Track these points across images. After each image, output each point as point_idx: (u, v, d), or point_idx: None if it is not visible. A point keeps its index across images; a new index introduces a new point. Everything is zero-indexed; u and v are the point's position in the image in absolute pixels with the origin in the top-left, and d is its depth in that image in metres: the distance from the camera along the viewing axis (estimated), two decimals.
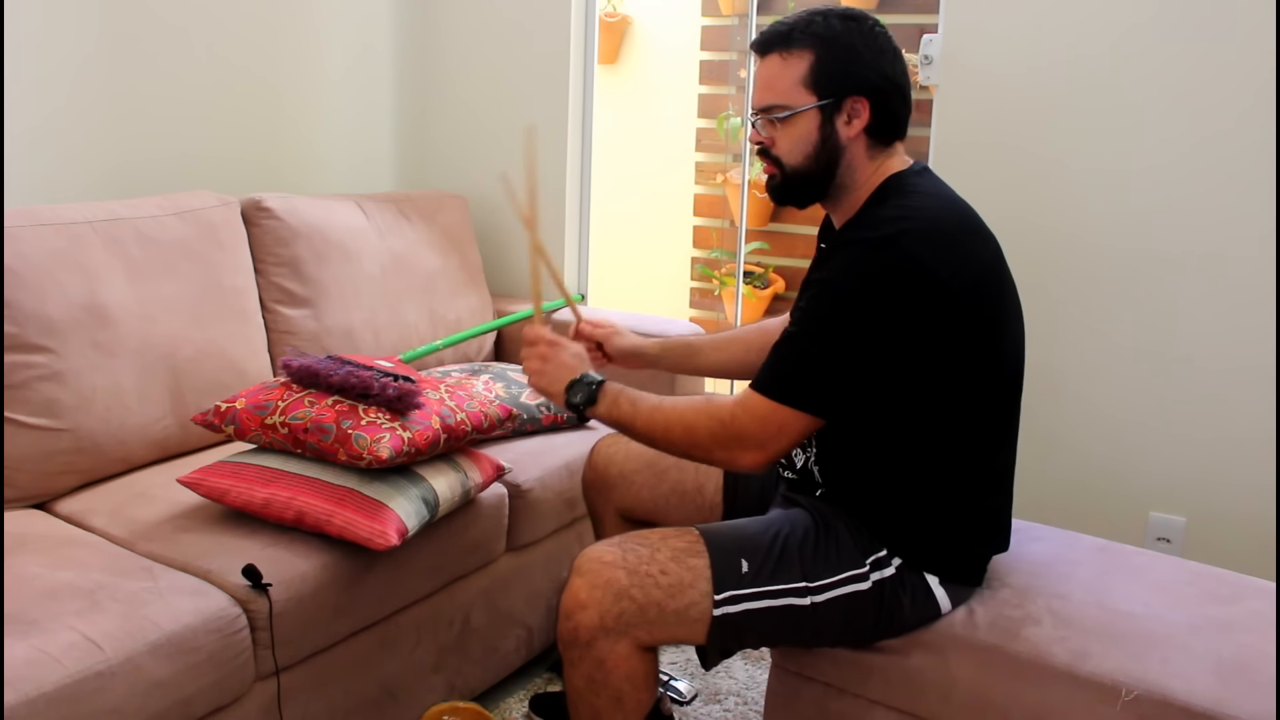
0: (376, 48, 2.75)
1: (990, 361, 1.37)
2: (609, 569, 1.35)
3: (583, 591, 1.35)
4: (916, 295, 1.28)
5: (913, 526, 1.41)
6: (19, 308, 1.68)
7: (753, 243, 3.88)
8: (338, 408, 1.61)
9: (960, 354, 1.33)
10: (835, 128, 1.38)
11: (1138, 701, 1.27)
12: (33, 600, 1.34)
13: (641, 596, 1.34)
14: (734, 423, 1.34)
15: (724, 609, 1.36)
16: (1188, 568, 1.56)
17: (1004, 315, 1.38)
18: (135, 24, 2.17)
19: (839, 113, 1.37)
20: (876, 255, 1.30)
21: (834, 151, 1.39)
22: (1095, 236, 2.14)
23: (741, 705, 1.96)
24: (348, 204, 2.35)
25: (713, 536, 1.41)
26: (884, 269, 1.29)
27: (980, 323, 1.34)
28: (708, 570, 1.37)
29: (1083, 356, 2.19)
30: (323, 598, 1.54)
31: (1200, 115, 2.01)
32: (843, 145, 1.39)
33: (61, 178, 2.08)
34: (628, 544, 1.39)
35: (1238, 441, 2.06)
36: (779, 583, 1.38)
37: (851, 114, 1.37)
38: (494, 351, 2.63)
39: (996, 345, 1.37)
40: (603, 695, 1.37)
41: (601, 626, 1.34)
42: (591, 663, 1.36)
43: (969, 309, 1.32)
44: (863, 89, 1.37)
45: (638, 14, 4.02)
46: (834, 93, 1.37)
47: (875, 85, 1.37)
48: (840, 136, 1.38)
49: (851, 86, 1.36)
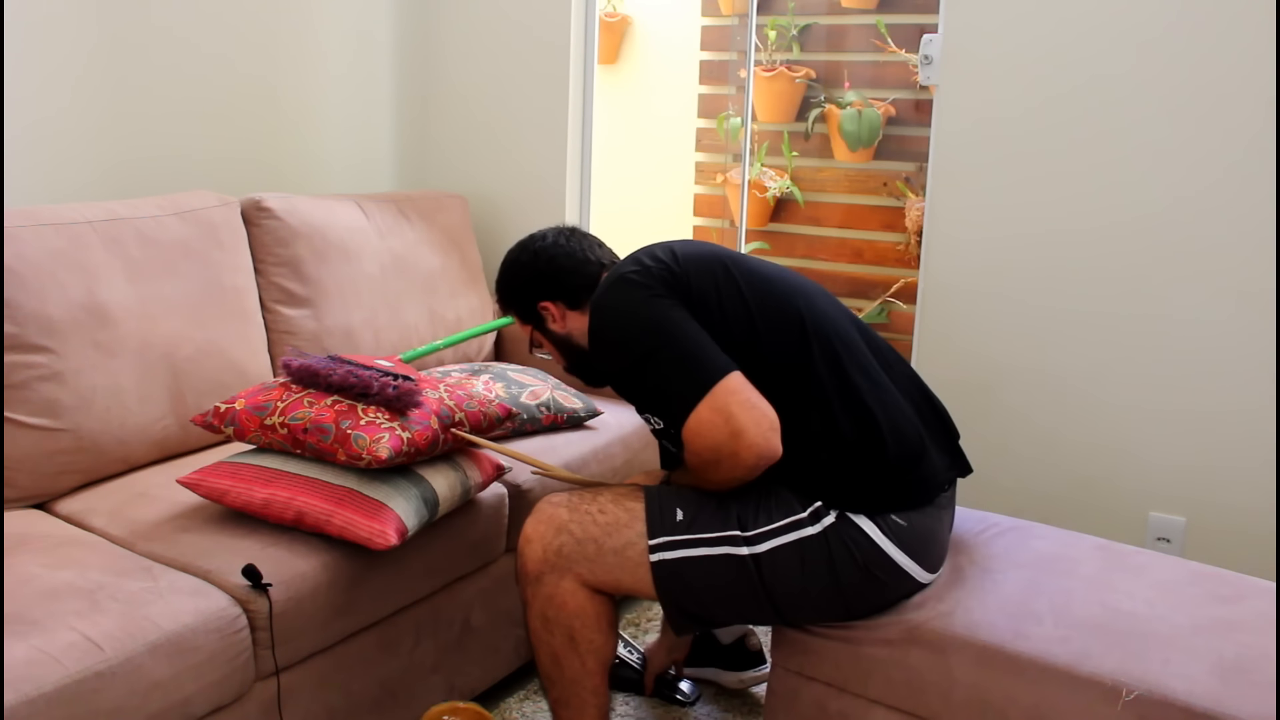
0: (376, 47, 2.75)
1: (720, 331, 1.46)
2: (553, 508, 1.51)
3: (529, 528, 1.51)
4: (652, 284, 1.46)
5: (822, 472, 1.45)
6: (19, 308, 1.68)
7: (753, 243, 3.88)
8: (337, 408, 1.61)
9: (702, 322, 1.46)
10: (549, 331, 1.69)
11: (1138, 701, 1.27)
12: (33, 600, 1.34)
13: (579, 531, 1.47)
14: (699, 441, 1.41)
15: (660, 554, 1.45)
16: (1188, 568, 1.56)
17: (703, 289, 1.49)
18: (135, 24, 2.17)
19: (545, 321, 1.69)
20: (612, 301, 1.49)
21: (566, 338, 1.69)
22: (1094, 236, 2.14)
23: (742, 705, 1.96)
24: (348, 204, 2.35)
25: (653, 488, 1.52)
26: (624, 297, 1.48)
27: (690, 296, 1.47)
28: (643, 513, 1.48)
29: (1082, 356, 2.19)
30: (323, 598, 1.54)
31: (1201, 113, 2.01)
32: (567, 330, 1.68)
33: (61, 177, 2.09)
34: (578, 490, 1.55)
35: (1238, 441, 2.06)
36: (713, 530, 1.45)
37: (551, 315, 1.68)
38: (494, 351, 2.63)
39: (712, 315, 1.47)
40: (557, 634, 1.50)
41: (545, 560, 1.48)
42: (543, 599, 1.49)
43: (680, 288, 1.47)
44: (545, 296, 1.67)
45: (638, 14, 4.02)
46: (531, 314, 1.70)
47: (545, 290, 1.66)
48: (558, 329, 1.68)
49: (534, 301, 1.68)
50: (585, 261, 1.67)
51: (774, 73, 3.75)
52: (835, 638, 1.49)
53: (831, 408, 1.46)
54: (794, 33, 3.74)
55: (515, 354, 2.61)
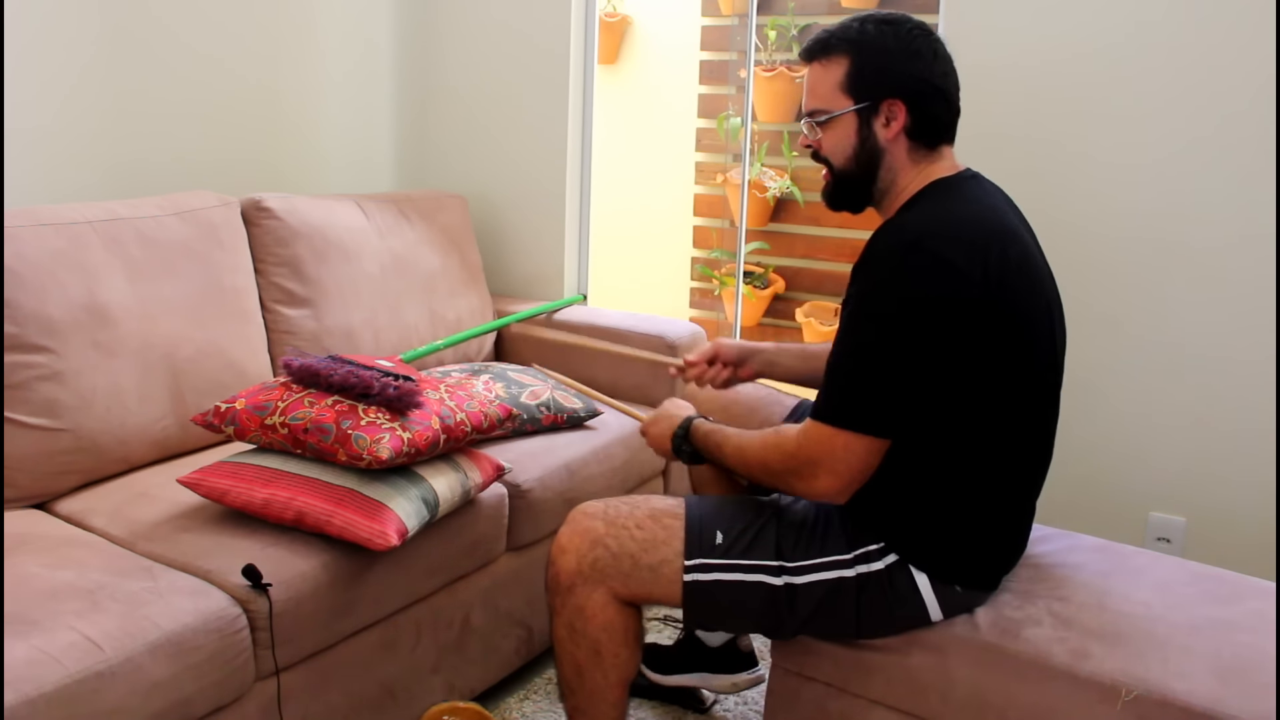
0: (377, 48, 2.75)
1: (1017, 363, 1.35)
2: (589, 519, 1.47)
3: (564, 538, 1.47)
4: (947, 296, 1.28)
5: (916, 525, 1.40)
6: (19, 308, 1.68)
7: (753, 243, 3.88)
8: (337, 408, 1.61)
9: (988, 353, 1.32)
10: (873, 130, 1.40)
11: (1138, 701, 1.27)
12: (33, 600, 1.34)
13: (616, 546, 1.44)
14: (800, 452, 1.37)
15: (694, 575, 1.42)
16: (1188, 568, 1.56)
17: (1033, 313, 1.36)
18: (135, 24, 2.17)
19: (876, 116, 1.40)
20: (902, 262, 1.30)
21: (873, 154, 1.41)
22: (1095, 234, 2.14)
23: (741, 705, 1.96)
24: (348, 204, 2.35)
25: (694, 505, 1.48)
26: (912, 276, 1.29)
27: (1006, 321, 1.32)
28: (681, 533, 1.44)
29: (1082, 356, 2.19)
30: (323, 598, 1.54)
31: (1203, 111, 2.01)
32: (882, 148, 1.41)
33: (61, 177, 2.09)
34: (613, 501, 1.50)
35: (1238, 441, 2.06)
36: (752, 559, 1.42)
37: (889, 117, 1.40)
38: (494, 351, 2.63)
39: (1024, 346, 1.35)
40: (582, 645, 1.46)
41: (579, 572, 1.44)
42: (572, 609, 1.45)
43: (996, 306, 1.30)
44: (898, 92, 1.39)
45: (638, 14, 4.02)
46: (870, 96, 1.39)
47: (910, 88, 1.39)
48: (879, 139, 1.41)
49: (886, 90, 1.39)
50: (951, 125, 1.43)
51: (774, 73, 3.75)
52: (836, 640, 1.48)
53: (1004, 484, 1.41)
54: (794, 33, 3.74)
55: (515, 354, 2.61)
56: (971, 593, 1.43)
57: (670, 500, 1.50)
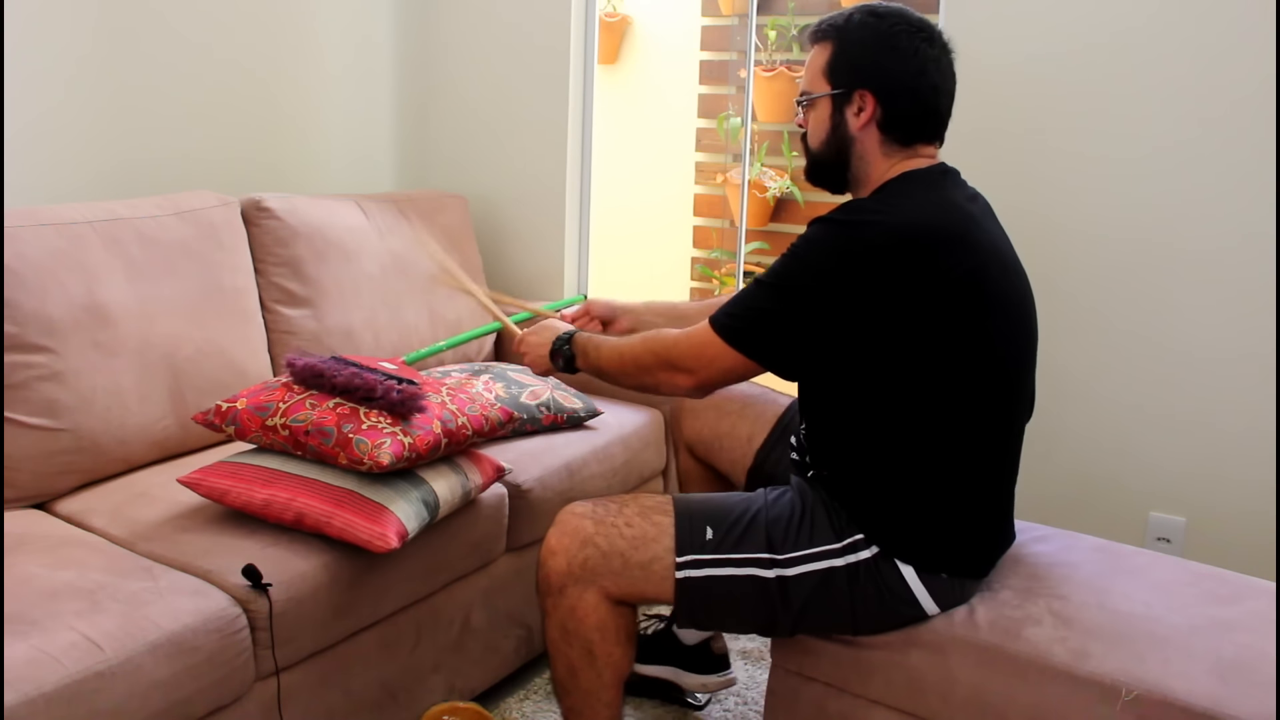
0: (376, 47, 2.75)
1: (967, 363, 1.36)
2: (578, 519, 1.47)
3: (553, 539, 1.47)
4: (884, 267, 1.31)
5: (891, 514, 1.42)
6: (19, 308, 1.68)
7: (753, 243, 3.88)
8: (339, 411, 1.61)
9: (920, 326, 1.33)
10: (845, 117, 1.44)
11: (1138, 701, 1.27)
12: (33, 600, 1.34)
13: (605, 545, 1.44)
14: (674, 348, 1.44)
15: (686, 572, 1.43)
16: (1188, 568, 1.56)
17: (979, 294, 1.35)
18: (134, 23, 2.17)
19: (848, 104, 1.43)
20: (855, 228, 1.35)
21: (844, 141, 1.45)
22: (1094, 233, 2.14)
23: (741, 705, 1.96)
24: (348, 204, 2.35)
25: (683, 502, 1.49)
26: (855, 242, 1.33)
27: (942, 295, 1.32)
28: (672, 529, 1.45)
29: (1082, 355, 2.19)
30: (323, 598, 1.54)
31: (1201, 112, 2.01)
32: (852, 136, 1.44)
33: (60, 177, 2.08)
34: (601, 500, 1.51)
35: (1237, 441, 2.06)
36: (742, 552, 1.43)
37: (860, 106, 1.42)
38: (494, 351, 2.63)
39: (963, 323, 1.34)
40: (575, 646, 1.47)
41: (569, 573, 1.44)
42: (564, 611, 1.45)
43: (932, 280, 1.31)
44: (868, 83, 1.41)
45: (638, 14, 4.02)
46: (844, 84, 1.43)
47: (879, 82, 1.41)
48: (849, 127, 1.44)
49: (859, 80, 1.42)
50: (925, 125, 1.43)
51: (774, 73, 3.75)
52: (835, 639, 1.48)
53: (970, 472, 1.41)
54: (794, 33, 3.74)
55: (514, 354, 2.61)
56: (961, 580, 1.44)
57: (658, 497, 1.51)
